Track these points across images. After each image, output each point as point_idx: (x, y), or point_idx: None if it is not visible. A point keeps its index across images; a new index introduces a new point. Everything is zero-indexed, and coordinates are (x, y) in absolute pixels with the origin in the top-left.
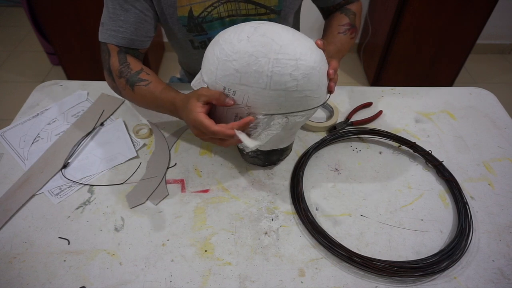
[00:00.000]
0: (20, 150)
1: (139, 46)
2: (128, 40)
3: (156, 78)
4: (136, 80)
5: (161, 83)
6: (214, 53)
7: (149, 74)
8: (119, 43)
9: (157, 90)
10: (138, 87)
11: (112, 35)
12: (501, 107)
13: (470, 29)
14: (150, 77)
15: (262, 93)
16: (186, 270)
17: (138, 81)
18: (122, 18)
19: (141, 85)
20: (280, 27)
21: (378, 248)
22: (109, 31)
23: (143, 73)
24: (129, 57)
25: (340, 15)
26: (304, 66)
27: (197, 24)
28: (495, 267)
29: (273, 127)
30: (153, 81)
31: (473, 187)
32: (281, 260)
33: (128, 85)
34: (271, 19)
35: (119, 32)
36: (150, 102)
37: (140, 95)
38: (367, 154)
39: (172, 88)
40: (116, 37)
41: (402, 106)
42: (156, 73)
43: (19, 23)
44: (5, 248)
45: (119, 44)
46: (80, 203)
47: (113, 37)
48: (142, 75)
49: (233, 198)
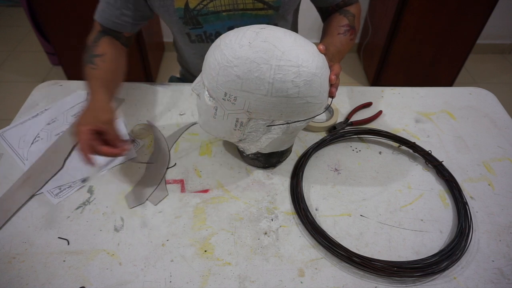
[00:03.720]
0: (20, 150)
1: (122, 29)
2: (111, 23)
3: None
4: (89, 61)
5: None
6: (215, 58)
7: (105, 62)
8: (103, 23)
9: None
10: (87, 67)
11: (100, 14)
12: (501, 107)
13: (470, 29)
14: (102, 65)
15: (264, 99)
16: (185, 270)
17: (90, 63)
18: (111, 1)
19: (89, 66)
20: (282, 31)
21: (377, 248)
22: (99, 11)
23: (99, 58)
24: (103, 40)
25: (339, 16)
26: (306, 73)
27: (192, 16)
28: (495, 267)
29: (273, 131)
30: (99, 69)
31: (473, 187)
32: (281, 260)
33: (85, 61)
34: (268, 15)
35: (105, 12)
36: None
37: (85, 73)
38: (367, 154)
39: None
40: (101, 17)
41: (402, 106)
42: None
43: (19, 23)
44: (5, 248)
45: (103, 24)
46: (80, 203)
47: (100, 16)
48: (97, 60)
49: (232, 198)
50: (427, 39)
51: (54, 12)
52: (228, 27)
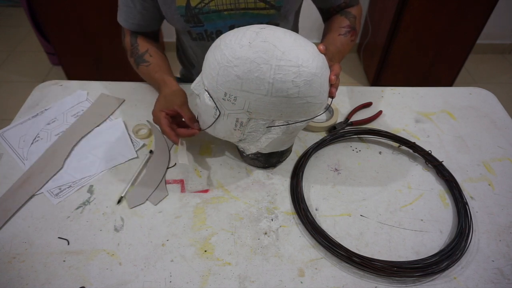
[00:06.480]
0: (20, 150)
1: (147, 29)
2: (137, 26)
3: (157, 60)
4: (140, 61)
5: (159, 66)
6: (215, 58)
7: (152, 56)
8: (130, 28)
9: (153, 72)
10: (141, 67)
11: (124, 19)
12: (501, 107)
13: (470, 29)
14: (151, 59)
15: (264, 99)
16: (185, 270)
17: (142, 62)
18: (131, 5)
19: (143, 66)
20: (282, 31)
21: (377, 248)
22: (122, 16)
23: (147, 55)
24: (139, 38)
25: (340, 17)
26: (306, 73)
27: (193, 14)
28: (495, 267)
29: (273, 131)
30: (152, 63)
31: (473, 187)
32: (281, 260)
33: (135, 64)
34: (270, 15)
35: (129, 18)
36: (148, 80)
37: (142, 73)
38: (367, 154)
39: (166, 71)
40: (127, 22)
41: (402, 106)
42: None
43: (19, 23)
44: (5, 248)
45: (130, 28)
46: (80, 203)
47: (125, 21)
48: (146, 57)
49: (232, 198)
50: (427, 39)
51: (54, 12)
52: (230, 26)
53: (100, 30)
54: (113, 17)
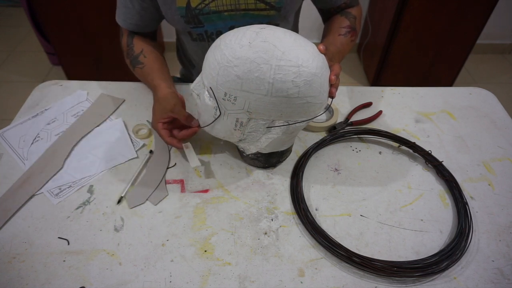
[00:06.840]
0: (20, 150)
1: (145, 30)
2: (135, 26)
3: (150, 62)
4: (135, 63)
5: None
6: (215, 58)
7: (146, 56)
8: (129, 28)
9: (147, 75)
10: (136, 69)
11: (123, 19)
12: (501, 107)
13: (470, 29)
14: (145, 60)
15: (264, 99)
16: (185, 270)
17: (137, 64)
18: (130, 6)
19: (138, 68)
20: (282, 31)
21: (377, 248)
22: (120, 16)
23: (141, 56)
24: (135, 38)
25: (340, 18)
26: (306, 73)
27: (194, 15)
28: (495, 267)
29: (273, 131)
30: (146, 65)
31: (473, 187)
32: (281, 260)
33: (131, 66)
34: (270, 16)
35: (128, 18)
36: (144, 83)
37: (138, 76)
38: (367, 154)
39: (158, 74)
40: (125, 22)
41: (402, 106)
42: None
43: (19, 23)
44: (5, 248)
45: (128, 28)
46: (80, 203)
47: (123, 21)
48: (140, 58)
49: (232, 198)
50: (427, 39)
51: (54, 12)
52: (230, 27)
53: (100, 30)
54: (113, 17)
